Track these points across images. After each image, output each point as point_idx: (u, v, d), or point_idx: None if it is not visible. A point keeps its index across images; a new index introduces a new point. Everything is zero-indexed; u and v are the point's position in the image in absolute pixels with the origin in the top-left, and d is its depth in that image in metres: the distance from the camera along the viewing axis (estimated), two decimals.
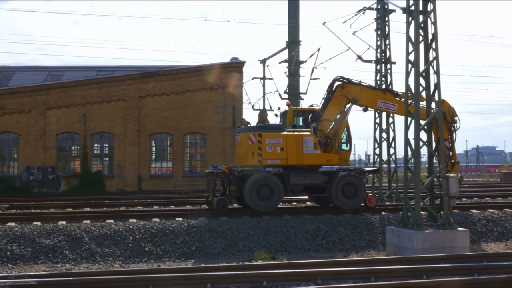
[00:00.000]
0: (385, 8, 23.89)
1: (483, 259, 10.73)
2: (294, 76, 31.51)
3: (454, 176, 14.30)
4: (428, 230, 13.34)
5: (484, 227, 17.38)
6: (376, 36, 24.30)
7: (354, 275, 9.38)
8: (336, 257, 14.45)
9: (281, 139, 18.00)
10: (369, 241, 16.19)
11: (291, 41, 32.63)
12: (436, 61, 14.21)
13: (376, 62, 24.22)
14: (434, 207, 14.39)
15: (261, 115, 20.34)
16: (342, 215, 17.81)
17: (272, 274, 9.32)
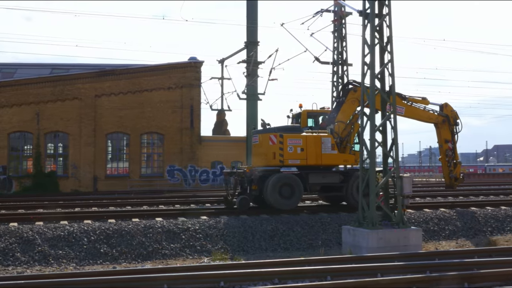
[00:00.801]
0: (342, 10, 24.25)
1: (435, 257, 11.01)
2: (252, 77, 31.59)
3: (408, 176, 14.63)
4: (382, 229, 13.61)
5: (436, 226, 17.85)
6: (333, 38, 24.65)
7: (311, 274, 9.48)
8: (293, 256, 14.57)
9: (301, 140, 18.66)
10: (326, 240, 16.38)
11: (249, 42, 32.68)
12: (391, 63, 14.51)
13: (333, 64, 24.59)
14: (388, 206, 14.70)
15: (219, 115, 20.38)
16: (299, 215, 17.97)
17: (230, 274, 9.32)
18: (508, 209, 20.07)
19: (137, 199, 25.24)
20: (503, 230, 18.27)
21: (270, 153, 18.65)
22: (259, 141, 19.53)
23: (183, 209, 19.54)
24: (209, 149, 42.20)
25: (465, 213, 19.08)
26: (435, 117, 21.45)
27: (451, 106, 21.48)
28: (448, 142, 21.56)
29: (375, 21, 14.46)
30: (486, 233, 17.89)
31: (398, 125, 14.42)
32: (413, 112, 20.72)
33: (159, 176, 40.72)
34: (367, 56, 14.37)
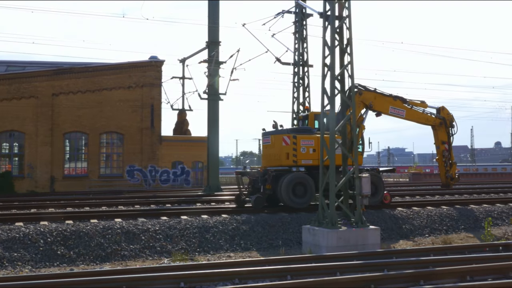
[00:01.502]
0: (303, 12, 24.44)
1: (393, 256, 11.23)
2: (214, 77, 31.48)
3: (366, 176, 14.86)
4: (342, 229, 13.78)
5: (394, 225, 18.20)
6: (294, 39, 24.81)
7: (271, 273, 9.51)
8: (253, 256, 14.61)
9: (313, 141, 19.22)
10: (286, 240, 16.48)
11: (211, 42, 32.56)
12: (351, 65, 14.70)
13: (294, 65, 24.75)
14: (348, 206, 14.90)
15: (180, 115, 20.30)
16: (259, 214, 18.02)
17: (190, 275, 9.27)
18: (461, 208, 20.66)
19: (96, 199, 24.81)
20: (458, 228, 18.78)
21: (283, 154, 19.21)
22: (271, 142, 20.03)
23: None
24: (170, 149, 41.87)
25: (422, 212, 19.53)
26: (432, 119, 22.47)
27: (447, 109, 22.68)
28: (445, 144, 22.68)
29: (335, 23, 14.63)
30: (442, 232, 18.35)
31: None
32: (412, 115, 21.80)
33: (119, 177, 40.16)
34: (327, 57, 14.53)
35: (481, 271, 9.09)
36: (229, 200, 24.41)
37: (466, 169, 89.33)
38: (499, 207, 21.23)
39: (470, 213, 20.01)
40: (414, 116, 21.90)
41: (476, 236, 17.50)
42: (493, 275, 9.00)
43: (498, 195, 26.15)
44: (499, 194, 26.66)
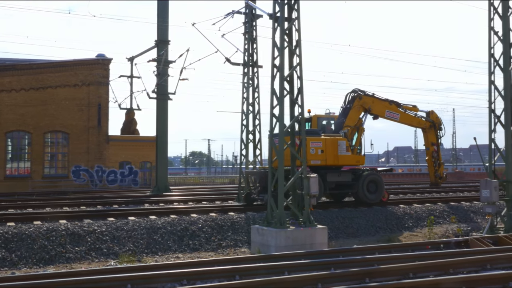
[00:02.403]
0: (253, 13, 24.51)
1: (339, 254, 11.43)
2: (163, 76, 31.13)
3: (314, 176, 15.06)
4: (290, 228, 13.91)
5: (341, 224, 18.53)
6: (244, 40, 24.83)
7: (220, 274, 9.50)
8: (202, 257, 14.55)
9: (321, 143, 20.44)
10: (235, 240, 16.50)
11: (160, 40, 32.19)
12: (300, 66, 14.86)
13: (244, 65, 24.76)
14: (296, 206, 15.05)
15: (128, 114, 20.00)
16: (208, 214, 17.98)
17: (137, 277, 9.13)
18: (406, 207, 21.26)
19: (40, 200, 24.09)
20: (402, 227, 19.31)
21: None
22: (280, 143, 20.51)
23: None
24: (117, 149, 41.14)
25: (368, 211, 19.98)
26: (423, 122, 24.00)
27: (436, 113, 24.25)
28: (434, 145, 24.26)
29: (284, 24, 14.76)
30: (387, 231, 18.83)
31: (306, 126, 14.80)
32: (406, 118, 23.34)
33: (64, 177, 39.13)
34: (276, 58, 14.64)
35: (423, 268, 9.38)
36: (178, 200, 24.24)
37: (410, 169, 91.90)
38: (440, 206, 21.98)
39: (414, 212, 20.62)
40: (407, 119, 23.36)
41: (419, 234, 18.05)
42: (435, 272, 9.32)
43: (440, 195, 27.05)
44: (440, 194, 27.58)
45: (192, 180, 71.20)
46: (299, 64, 14.85)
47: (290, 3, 14.92)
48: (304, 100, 14.87)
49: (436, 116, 24.22)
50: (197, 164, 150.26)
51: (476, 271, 9.52)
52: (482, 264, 9.80)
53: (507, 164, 15.66)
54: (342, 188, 21.50)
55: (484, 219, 19.52)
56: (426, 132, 24.28)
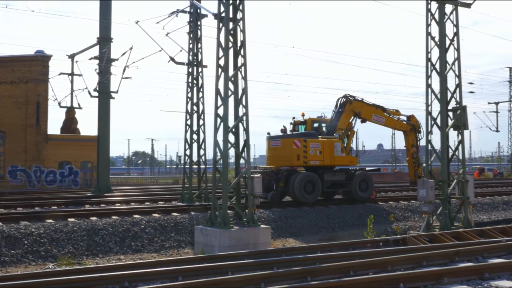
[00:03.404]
0: (198, 12, 24.38)
1: (282, 253, 11.52)
2: (105, 74, 30.47)
3: (258, 176, 15.15)
4: (234, 228, 13.94)
5: (284, 224, 18.73)
6: (188, 39, 24.66)
7: (162, 275, 9.38)
8: (145, 258, 14.35)
9: (319, 144, 22.15)
10: (178, 241, 16.37)
11: (102, 38, 31.49)
12: (244, 67, 14.92)
13: (188, 65, 24.59)
14: (240, 206, 15.10)
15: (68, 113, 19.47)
16: (151, 215, 17.76)
17: (75, 280, 8.89)
18: (348, 206, 21.74)
19: None
20: (343, 226, 19.72)
21: (294, 155, 21.82)
22: (281, 144, 22.54)
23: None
24: (57, 148, 39.95)
25: (311, 211, 20.28)
26: (405, 126, 25.81)
27: (416, 117, 26.32)
28: (414, 147, 25.99)
29: (229, 24, 14.77)
30: (329, 230, 19.18)
31: (251, 126, 14.87)
32: (390, 122, 25.15)
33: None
34: (221, 58, 14.63)
35: (362, 266, 9.60)
36: (121, 201, 23.80)
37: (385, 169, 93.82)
38: (380, 205, 22.61)
39: (355, 211, 21.11)
40: (391, 123, 25.23)
41: (359, 233, 18.46)
42: (374, 269, 9.56)
43: (380, 194, 27.79)
44: (380, 193, 28.34)
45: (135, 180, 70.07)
46: (243, 64, 14.91)
47: (235, 3, 14.95)
48: (248, 101, 14.94)
49: (416, 120, 26.03)
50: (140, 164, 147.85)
51: (413, 268, 9.83)
52: (418, 261, 10.13)
53: (442, 165, 16.28)
54: (337, 187, 23.15)
55: (421, 218, 20.21)
56: (407, 134, 25.92)
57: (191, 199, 23.37)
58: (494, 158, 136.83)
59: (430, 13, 16.47)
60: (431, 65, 16.56)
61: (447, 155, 16.41)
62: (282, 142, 22.60)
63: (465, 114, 16.44)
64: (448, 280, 8.55)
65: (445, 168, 16.24)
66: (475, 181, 23.38)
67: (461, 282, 8.60)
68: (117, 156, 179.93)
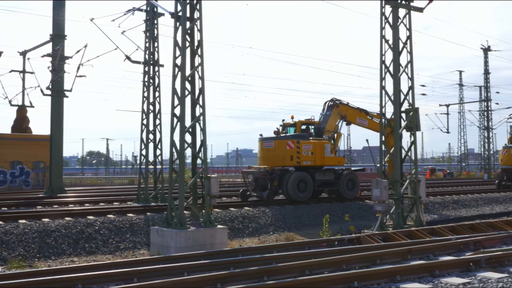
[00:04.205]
0: (154, 11, 24.14)
1: (239, 254, 11.53)
2: (58, 72, 29.75)
3: (215, 176, 15.12)
4: (190, 229, 13.87)
5: (241, 224, 18.76)
6: (145, 38, 24.39)
7: (117, 277, 9.24)
8: (99, 260, 14.09)
9: (311, 146, 23.38)
10: (134, 242, 16.16)
11: (55, 35, 30.75)
12: (201, 66, 14.86)
13: (145, 64, 24.32)
14: (196, 206, 15.03)
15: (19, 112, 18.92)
16: (106, 216, 17.47)
17: (26, 283, 8.65)
18: (304, 206, 21.96)
19: None
20: (299, 225, 19.91)
21: (287, 156, 23.00)
22: (275, 145, 23.57)
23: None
24: (7, 148, 38.77)
25: (267, 211, 20.39)
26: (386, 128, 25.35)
27: None
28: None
29: (186, 24, 14.69)
30: (285, 229, 19.31)
31: (208, 127, 14.82)
32: (372, 125, 25.98)
33: None
34: (178, 58, 14.53)
35: (318, 265, 9.71)
36: (74, 202, 23.30)
37: None
38: (336, 205, 22.93)
39: (311, 211, 21.34)
40: (373, 125, 26.03)
41: (315, 232, 18.67)
42: (329, 268, 9.69)
43: None
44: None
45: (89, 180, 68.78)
46: (200, 64, 14.85)
47: (192, 3, 14.88)
48: (205, 101, 14.89)
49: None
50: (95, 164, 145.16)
51: (367, 266, 10.02)
52: (372, 260, 10.33)
53: (395, 165, 16.65)
54: (326, 186, 24.40)
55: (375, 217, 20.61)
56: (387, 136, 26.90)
57: (147, 200, 23.12)
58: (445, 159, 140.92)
59: (384, 16, 16.82)
60: (385, 67, 16.91)
61: (400, 156, 16.80)
62: (275, 143, 23.63)
63: (417, 116, 16.89)
64: (401, 278, 8.76)
65: (398, 168, 16.62)
66: (426, 181, 24.19)
67: (413, 279, 8.81)
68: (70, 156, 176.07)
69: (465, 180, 54.37)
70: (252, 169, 25.02)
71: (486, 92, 68.88)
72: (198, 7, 14.83)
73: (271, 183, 23.02)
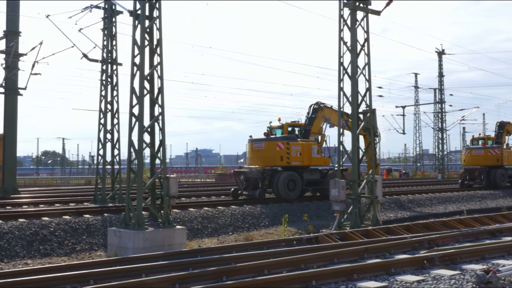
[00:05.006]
0: (113, 8, 23.78)
1: (197, 254, 11.48)
2: (12, 69, 28.91)
3: (174, 177, 15.01)
4: (149, 230, 13.72)
5: (200, 224, 18.68)
6: (103, 36, 23.99)
7: (72, 279, 9.06)
8: (54, 262, 13.77)
9: (299, 147, 24.47)
10: (91, 243, 15.88)
11: (9, 31, 29.87)
12: (160, 66, 14.72)
13: (102, 62, 23.93)
14: (155, 207, 14.88)
15: None
16: (61, 217, 17.10)
17: None
18: (263, 206, 22.05)
19: None
20: (259, 225, 19.99)
21: (277, 156, 24.21)
22: (265, 146, 24.69)
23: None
24: None
25: (226, 211, 20.37)
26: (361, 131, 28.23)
27: None
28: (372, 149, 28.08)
29: (145, 22, 14.52)
30: (244, 229, 19.35)
31: (167, 126, 14.70)
32: None
33: None
34: (137, 57, 14.35)
35: (276, 264, 9.77)
36: (28, 203, 22.71)
37: None
38: (295, 205, 23.12)
39: (270, 211, 21.45)
40: None
41: (274, 232, 18.79)
42: (287, 268, 9.76)
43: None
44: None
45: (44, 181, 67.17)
46: (160, 63, 14.71)
47: (152, 1, 14.73)
48: (164, 100, 14.75)
49: None
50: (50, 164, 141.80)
51: (325, 265, 10.15)
52: (330, 259, 10.47)
53: (353, 165, 16.92)
54: (312, 185, 25.54)
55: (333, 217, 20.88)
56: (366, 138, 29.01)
57: (104, 200, 22.75)
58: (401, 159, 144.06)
59: (342, 19, 17.07)
60: (343, 69, 17.17)
61: (357, 156, 17.08)
62: (266, 145, 24.76)
63: (374, 117, 17.22)
64: (358, 276, 8.90)
65: (355, 169, 16.89)
66: (383, 181, 24.78)
67: (369, 277, 8.97)
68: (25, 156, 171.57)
69: (420, 180, 55.73)
70: (243, 169, 25.72)
71: (440, 94, 70.72)
72: (157, 6, 14.68)
73: (262, 182, 24.05)
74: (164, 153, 14.71)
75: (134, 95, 14.29)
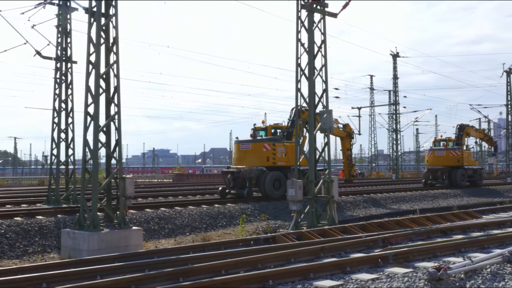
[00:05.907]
0: (67, 5, 23.28)
1: (154, 255, 11.38)
2: None
3: (130, 177, 14.81)
4: (104, 231, 13.49)
5: (157, 225, 18.50)
6: (57, 33, 23.46)
7: (24, 282, 8.81)
8: (5, 265, 13.36)
9: (284, 148, 25.24)
10: (44, 245, 15.48)
11: None
12: (117, 64, 14.50)
13: (56, 60, 23.40)
14: (111, 207, 14.64)
15: None
16: (12, 219, 16.61)
17: None
18: (220, 206, 22.02)
19: None
20: (216, 226, 19.94)
21: (264, 157, 25.44)
22: (252, 148, 25.80)
23: None
24: None
25: (184, 211, 20.25)
26: (342, 132, 31.09)
27: (350, 125, 32.38)
28: (349, 150, 31.61)
29: (101, 20, 14.27)
30: (202, 229, 19.27)
31: (123, 126, 14.49)
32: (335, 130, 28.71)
33: None
34: (92, 55, 14.09)
35: (234, 265, 9.78)
36: None
37: None
38: (252, 205, 23.17)
39: (228, 211, 21.44)
40: (335, 131, 28.56)
41: (232, 232, 18.80)
42: (245, 268, 9.78)
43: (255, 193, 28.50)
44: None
45: None
46: (116, 62, 14.49)
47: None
48: (121, 99, 14.53)
49: (350, 128, 32.27)
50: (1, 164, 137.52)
51: (282, 264, 10.23)
52: (287, 258, 10.55)
53: (310, 165, 17.10)
54: None
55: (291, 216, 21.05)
56: (343, 140, 31.45)
57: (58, 201, 22.24)
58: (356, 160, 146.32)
59: (300, 20, 17.23)
60: (301, 70, 17.33)
61: (314, 156, 17.28)
62: (252, 146, 25.89)
63: (331, 118, 17.45)
64: (314, 275, 9.01)
65: (312, 169, 17.08)
66: (339, 181, 25.23)
67: (325, 276, 9.09)
68: None
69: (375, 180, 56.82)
70: (231, 169, 26.52)
71: (395, 96, 72.26)
72: (113, 4, 14.44)
73: (249, 181, 25.03)
74: (120, 153, 14.50)
75: (89, 93, 14.01)
